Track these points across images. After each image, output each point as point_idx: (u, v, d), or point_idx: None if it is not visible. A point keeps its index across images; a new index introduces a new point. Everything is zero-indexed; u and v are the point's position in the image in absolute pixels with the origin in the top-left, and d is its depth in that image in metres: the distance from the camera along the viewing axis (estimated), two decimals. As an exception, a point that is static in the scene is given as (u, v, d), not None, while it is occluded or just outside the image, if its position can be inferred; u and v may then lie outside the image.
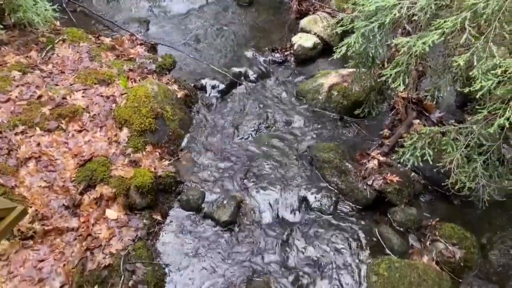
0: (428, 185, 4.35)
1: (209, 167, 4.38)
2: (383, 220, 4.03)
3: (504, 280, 3.63)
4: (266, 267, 3.59)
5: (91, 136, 4.17)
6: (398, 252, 3.72)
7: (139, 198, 3.78)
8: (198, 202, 3.97)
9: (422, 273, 3.39)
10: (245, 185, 4.23)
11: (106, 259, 3.40)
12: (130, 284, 3.29)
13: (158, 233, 3.76)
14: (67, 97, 4.42)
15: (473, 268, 3.67)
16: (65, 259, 3.35)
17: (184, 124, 4.71)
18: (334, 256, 3.71)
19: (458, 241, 3.69)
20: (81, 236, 3.50)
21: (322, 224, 3.97)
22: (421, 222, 3.95)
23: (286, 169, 4.43)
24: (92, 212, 3.67)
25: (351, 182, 4.19)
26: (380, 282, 3.37)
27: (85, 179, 3.79)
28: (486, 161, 3.61)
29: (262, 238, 3.80)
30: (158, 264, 3.51)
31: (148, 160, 4.10)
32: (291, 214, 4.04)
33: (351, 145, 4.77)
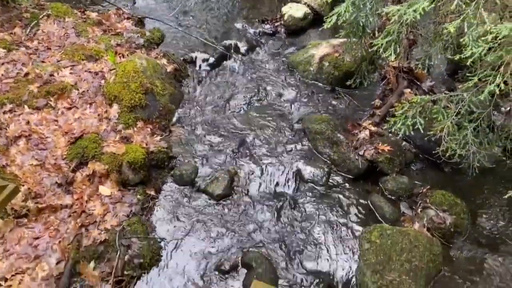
0: (419, 154, 4.39)
1: (201, 141, 4.37)
2: (375, 189, 4.08)
3: (493, 243, 3.72)
4: (260, 239, 3.64)
5: (81, 113, 4.13)
6: (389, 220, 3.78)
7: (131, 174, 3.78)
8: (192, 177, 3.98)
9: (413, 239, 3.45)
10: (238, 158, 4.24)
11: (101, 235, 3.42)
12: (126, 258, 3.32)
13: (152, 208, 3.78)
14: (54, 74, 4.35)
15: (463, 233, 3.75)
16: (60, 236, 3.37)
17: (174, 98, 4.67)
18: (327, 225, 3.76)
19: (449, 207, 3.76)
20: (75, 213, 3.51)
21: (315, 195, 4.01)
22: (412, 190, 4.01)
23: (279, 141, 4.43)
24: (85, 189, 3.67)
25: (343, 153, 4.22)
26: (373, 249, 3.43)
27: (76, 156, 3.77)
28: (476, 128, 3.64)
29: (256, 210, 3.84)
30: (154, 239, 3.54)
31: (140, 136, 4.08)
32: (284, 186, 4.06)
33: (343, 116, 4.77)
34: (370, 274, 3.32)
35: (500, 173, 4.15)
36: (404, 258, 3.35)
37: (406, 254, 3.37)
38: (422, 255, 3.38)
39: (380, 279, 3.27)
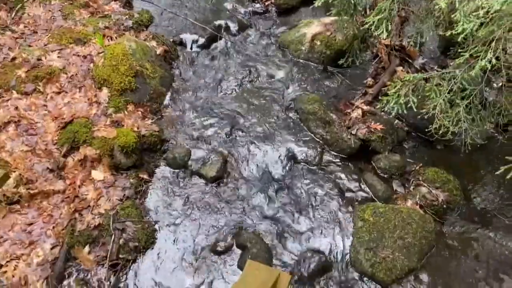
0: (412, 132, 4.39)
1: (193, 124, 4.34)
2: (368, 168, 4.09)
3: (485, 219, 3.76)
4: (254, 219, 3.66)
5: (70, 97, 4.07)
6: (382, 198, 3.80)
7: (123, 158, 3.76)
8: (185, 160, 3.97)
9: (406, 217, 3.48)
10: (231, 140, 4.23)
11: (95, 219, 3.42)
12: (121, 242, 3.33)
13: (146, 192, 3.77)
14: (42, 58, 4.28)
15: (455, 210, 3.78)
16: (54, 221, 3.37)
17: (165, 81, 4.61)
18: (320, 205, 3.77)
19: (441, 184, 3.78)
20: (68, 198, 3.50)
21: (308, 175, 4.01)
22: (405, 168, 4.02)
23: (271, 122, 4.41)
24: (78, 174, 3.65)
25: (335, 133, 4.21)
26: (366, 227, 3.46)
27: (67, 141, 3.74)
28: (468, 105, 3.64)
29: (250, 192, 3.84)
30: (148, 222, 3.54)
31: (131, 119, 4.04)
32: (278, 167, 4.06)
33: (335, 96, 4.75)
34: (364, 252, 3.35)
35: (492, 150, 4.17)
36: (397, 235, 3.38)
37: (399, 231, 3.40)
38: (415, 232, 3.42)
39: (373, 256, 3.31)
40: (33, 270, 3.10)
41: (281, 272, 2.06)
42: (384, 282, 3.26)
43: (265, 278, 1.96)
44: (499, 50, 3.06)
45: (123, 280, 3.23)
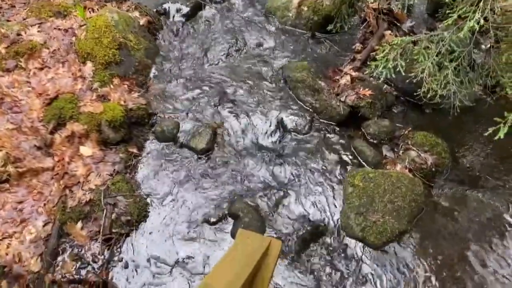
0: (400, 96, 4.38)
1: (181, 96, 4.29)
2: (357, 134, 4.10)
3: (473, 180, 3.81)
4: (246, 189, 3.67)
5: (54, 73, 3.98)
6: (372, 163, 3.83)
7: (112, 132, 3.72)
8: (173, 132, 3.94)
9: (395, 181, 3.51)
10: (219, 111, 4.19)
11: (86, 195, 3.41)
12: (113, 217, 3.34)
13: (136, 166, 3.76)
14: (22, 33, 4.15)
15: (444, 172, 3.82)
16: (45, 199, 3.36)
17: (150, 53, 4.52)
18: (311, 173, 3.79)
19: (430, 147, 3.81)
20: (57, 175, 3.47)
21: (298, 143, 4.01)
22: (394, 133, 4.03)
23: (260, 92, 4.37)
24: (66, 150, 3.62)
25: (324, 100, 4.19)
26: (356, 193, 3.50)
27: (53, 118, 3.68)
28: (457, 67, 3.63)
29: (240, 162, 3.84)
30: (139, 196, 3.54)
31: (117, 93, 3.98)
32: (268, 137, 4.05)
33: (324, 62, 4.70)
34: (354, 217, 3.40)
35: (481, 112, 4.19)
36: (387, 199, 3.43)
37: (388, 195, 3.44)
38: (405, 196, 3.46)
39: (364, 220, 3.36)
40: (26, 248, 3.11)
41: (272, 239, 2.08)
42: (375, 245, 3.33)
43: (256, 246, 1.98)
44: (487, 11, 3.02)
45: (117, 254, 3.25)
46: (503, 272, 3.25)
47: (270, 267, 1.97)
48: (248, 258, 1.83)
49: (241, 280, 1.58)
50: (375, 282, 3.19)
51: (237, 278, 1.59)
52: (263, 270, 1.93)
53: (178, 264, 3.21)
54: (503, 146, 3.89)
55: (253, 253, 1.89)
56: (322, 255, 3.31)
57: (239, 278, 1.59)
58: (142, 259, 3.24)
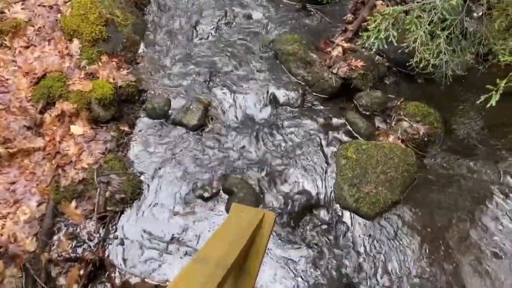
0: (393, 67, 4.35)
1: (171, 72, 4.22)
2: (350, 106, 4.08)
3: (465, 149, 3.83)
4: (239, 164, 3.67)
5: (40, 51, 3.90)
6: (365, 135, 3.83)
7: (102, 110, 3.68)
8: (165, 109, 3.89)
9: (388, 152, 3.53)
10: (210, 87, 4.14)
11: (79, 174, 3.40)
12: (107, 195, 3.33)
13: (128, 144, 3.73)
14: (5, 10, 4.04)
15: (436, 142, 3.84)
16: (37, 179, 3.34)
17: (138, 28, 4.42)
18: (304, 146, 3.79)
19: (422, 117, 3.81)
20: (49, 154, 3.45)
21: (291, 117, 3.99)
22: (386, 104, 4.02)
23: (251, 66, 4.32)
24: (56, 129, 3.58)
25: (316, 73, 4.15)
26: (349, 165, 3.51)
27: (42, 97, 3.63)
28: (449, 36, 3.59)
29: (233, 138, 3.83)
30: (133, 173, 3.53)
31: (105, 71, 3.91)
32: (260, 112, 4.02)
33: (315, 34, 4.63)
34: (348, 188, 3.42)
35: (473, 80, 4.17)
36: (379, 170, 3.45)
37: (381, 166, 3.46)
38: (397, 166, 3.48)
39: (357, 192, 3.39)
40: (21, 228, 3.11)
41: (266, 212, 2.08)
42: (368, 216, 3.36)
43: (250, 219, 1.98)
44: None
45: (113, 232, 3.27)
46: (495, 239, 3.30)
47: (264, 240, 1.98)
48: (242, 231, 1.83)
49: (235, 253, 1.59)
50: (368, 252, 3.24)
51: (231, 251, 1.59)
52: (257, 242, 1.95)
53: (173, 240, 3.23)
54: (495, 114, 3.89)
55: (247, 226, 1.89)
56: (316, 226, 3.35)
57: (233, 251, 1.60)
58: (137, 236, 3.26)
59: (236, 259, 1.57)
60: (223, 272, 1.41)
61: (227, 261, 1.49)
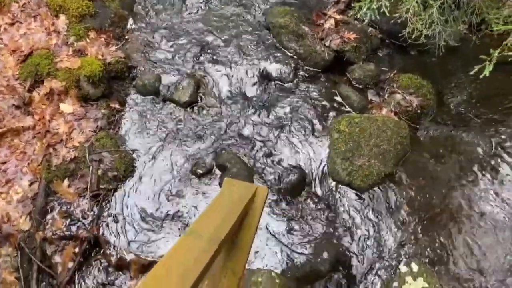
0: (385, 39, 4.29)
1: (160, 47, 4.15)
2: (342, 79, 4.04)
3: (458, 120, 3.82)
4: (232, 140, 3.66)
5: (26, 28, 3.82)
6: (358, 108, 3.81)
7: (91, 88, 3.62)
8: (155, 86, 3.84)
9: (381, 125, 3.52)
10: (201, 62, 4.08)
11: (71, 153, 3.38)
12: (100, 173, 3.32)
13: (119, 121, 3.70)
14: (-13, -13, 3.93)
15: (429, 114, 3.82)
16: (28, 158, 3.32)
17: (125, 3, 4.32)
18: (297, 120, 3.77)
19: (415, 90, 3.78)
20: (39, 133, 3.41)
21: (283, 92, 3.95)
22: (379, 77, 3.99)
23: (242, 40, 4.25)
24: (46, 108, 3.54)
25: (309, 46, 4.09)
26: (342, 138, 3.50)
27: (30, 75, 3.57)
28: (442, 5, 3.54)
29: (225, 114, 3.80)
30: (125, 151, 3.51)
31: (94, 47, 3.84)
32: (252, 86, 3.98)
33: (307, 6, 4.54)
34: (341, 162, 3.42)
35: (466, 51, 4.13)
36: (372, 143, 3.44)
37: (374, 139, 3.46)
38: (390, 139, 3.48)
39: (350, 165, 3.39)
40: (14, 207, 3.10)
41: (259, 186, 2.08)
42: (361, 189, 3.38)
43: (242, 193, 1.98)
44: None
45: (107, 209, 3.27)
46: (487, 210, 3.33)
47: (257, 214, 1.98)
48: (235, 205, 1.83)
49: (227, 227, 1.58)
50: (361, 224, 3.27)
51: (224, 225, 1.59)
52: (250, 216, 1.94)
53: (168, 216, 3.24)
54: (488, 85, 3.88)
55: (239, 200, 1.89)
56: (309, 200, 3.36)
57: (226, 225, 1.60)
58: (131, 213, 3.26)
59: (229, 233, 1.57)
60: (215, 246, 1.41)
61: (220, 235, 1.49)
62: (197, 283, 1.23)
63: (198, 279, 1.21)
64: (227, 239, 1.58)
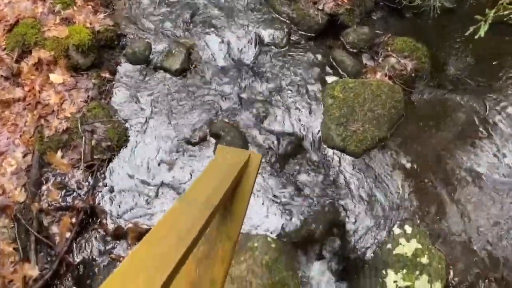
0: (380, 1, 4.20)
1: (149, 14, 4.05)
2: (337, 44, 3.98)
3: (453, 84, 3.81)
4: (226, 108, 3.62)
5: (10, -4, 3.70)
6: (352, 73, 3.76)
7: (81, 57, 3.55)
8: (146, 54, 3.77)
9: (375, 89, 3.49)
10: (192, 28, 4.00)
11: (63, 124, 3.34)
12: (93, 143, 3.29)
13: (110, 91, 3.64)
14: (-33, -47, 3.78)
15: (424, 77, 3.79)
16: (20, 130, 3.28)
17: (112, -32, 4.18)
18: (291, 87, 3.73)
19: (410, 53, 3.74)
20: (30, 105, 3.37)
21: (276, 58, 3.90)
22: (374, 40, 3.93)
23: (234, 5, 4.15)
24: (35, 79, 3.47)
25: (302, 9, 4.00)
26: (336, 104, 3.48)
27: (17, 45, 3.49)
28: (437, -35, 3.46)
29: (218, 81, 3.75)
30: (118, 121, 3.47)
31: (81, 15, 3.73)
32: (245, 53, 3.92)
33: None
34: (335, 127, 3.41)
35: (461, 12, 4.07)
36: (367, 108, 3.43)
37: (368, 104, 3.44)
38: (384, 103, 3.46)
39: (344, 131, 3.38)
40: (8, 179, 3.09)
41: (252, 152, 2.07)
42: (355, 153, 3.38)
43: (236, 160, 1.97)
44: None
45: (102, 179, 3.27)
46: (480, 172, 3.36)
47: (251, 180, 1.98)
48: (228, 171, 1.82)
49: (221, 193, 1.58)
50: (355, 188, 3.29)
51: (217, 191, 1.59)
52: (244, 183, 1.95)
53: (163, 184, 3.25)
54: (483, 47, 3.84)
55: (233, 166, 1.88)
56: (304, 166, 3.37)
57: (219, 191, 1.60)
58: (127, 182, 3.26)
59: (222, 199, 1.57)
60: (209, 211, 1.41)
61: (213, 200, 1.49)
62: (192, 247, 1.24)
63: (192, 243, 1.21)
64: (221, 205, 1.58)
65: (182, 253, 1.12)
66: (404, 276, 2.82)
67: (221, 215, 1.79)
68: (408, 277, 2.81)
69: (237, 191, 1.89)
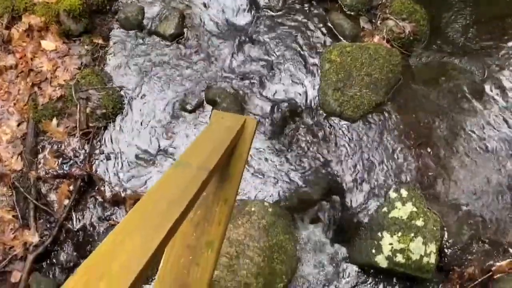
0: (379, -39, 4.09)
1: (142, -23, 3.94)
2: (334, 7, 3.87)
3: (451, 47, 3.74)
4: (222, 74, 3.58)
5: (-4, -41, 3.58)
6: (350, 36, 3.69)
7: (72, 23, 3.47)
8: (138, 18, 3.68)
9: (373, 53, 3.44)
10: (186, -8, 3.90)
11: (57, 91, 3.31)
12: (88, 111, 3.28)
13: (104, 57, 3.58)
14: None
15: (422, 40, 3.72)
16: (14, 98, 3.26)
17: None
18: (287, 52, 3.67)
19: (408, 15, 3.65)
20: (22, 72, 3.33)
21: (272, 22, 3.81)
22: (372, 2, 3.82)
23: (228, -33, 4.03)
24: (27, 46, 3.41)
25: (298, -29, 3.89)
26: (333, 69, 3.44)
27: (6, 11, 3.41)
28: None
29: (213, 47, 3.68)
30: (112, 88, 3.43)
31: (71, -21, 3.63)
32: (240, 17, 3.82)
33: None
34: (332, 93, 3.38)
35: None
36: (364, 72, 3.39)
37: (366, 69, 3.40)
38: (382, 67, 3.42)
39: (341, 96, 3.36)
40: (4, 148, 3.09)
41: (248, 117, 2.06)
42: (352, 119, 3.37)
43: (231, 124, 1.96)
44: None
45: (98, 147, 3.27)
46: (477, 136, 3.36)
47: (247, 145, 1.98)
48: (224, 136, 1.82)
49: (217, 156, 1.58)
50: (352, 153, 3.30)
51: (213, 155, 1.59)
52: (239, 147, 1.95)
53: (160, 151, 3.25)
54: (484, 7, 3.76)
55: (228, 130, 1.88)
56: (300, 132, 3.37)
57: (215, 155, 1.59)
58: (123, 150, 3.26)
59: (218, 163, 1.58)
60: (204, 175, 1.41)
61: (209, 164, 1.49)
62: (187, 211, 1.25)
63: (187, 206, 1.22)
64: (216, 169, 1.58)
65: (179, 214, 1.13)
66: (400, 239, 2.87)
67: (217, 179, 1.80)
68: (403, 239, 2.86)
69: (233, 155, 1.90)
